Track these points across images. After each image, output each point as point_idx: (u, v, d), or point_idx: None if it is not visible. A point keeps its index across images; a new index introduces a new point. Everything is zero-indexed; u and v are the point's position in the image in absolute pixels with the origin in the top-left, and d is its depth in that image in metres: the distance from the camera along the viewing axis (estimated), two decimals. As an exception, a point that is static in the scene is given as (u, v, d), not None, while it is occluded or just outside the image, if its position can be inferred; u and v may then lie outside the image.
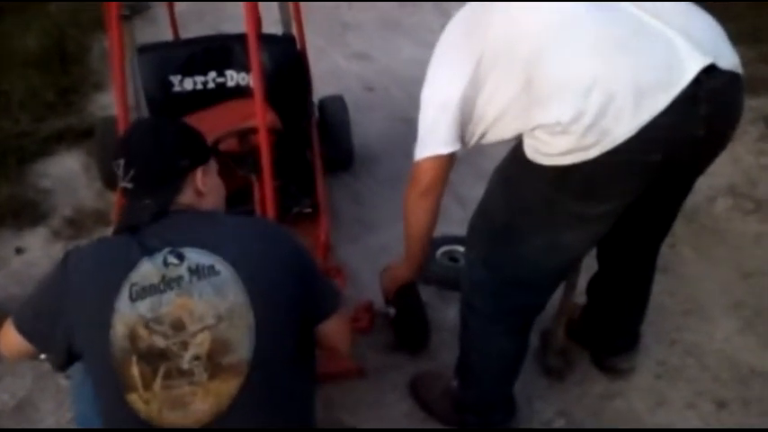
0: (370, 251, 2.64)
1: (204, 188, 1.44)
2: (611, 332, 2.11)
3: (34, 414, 2.07)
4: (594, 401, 2.09)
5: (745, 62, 1.50)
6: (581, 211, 1.53)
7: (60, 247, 2.71)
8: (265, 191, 2.13)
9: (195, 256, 1.30)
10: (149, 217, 1.36)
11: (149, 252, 1.30)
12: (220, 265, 1.30)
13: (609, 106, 1.37)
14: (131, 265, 1.29)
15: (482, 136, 1.59)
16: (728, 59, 1.44)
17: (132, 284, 1.28)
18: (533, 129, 1.46)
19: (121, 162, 1.40)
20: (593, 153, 1.40)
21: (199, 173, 1.44)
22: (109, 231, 1.53)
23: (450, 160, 1.65)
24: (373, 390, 2.12)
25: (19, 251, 2.73)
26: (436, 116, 1.59)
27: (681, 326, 2.30)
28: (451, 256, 2.51)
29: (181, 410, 1.27)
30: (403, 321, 2.22)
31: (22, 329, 1.39)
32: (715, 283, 2.46)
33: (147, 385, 1.26)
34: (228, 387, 1.27)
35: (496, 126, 1.55)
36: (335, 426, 2.00)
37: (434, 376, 2.09)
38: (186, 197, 1.42)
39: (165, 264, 1.29)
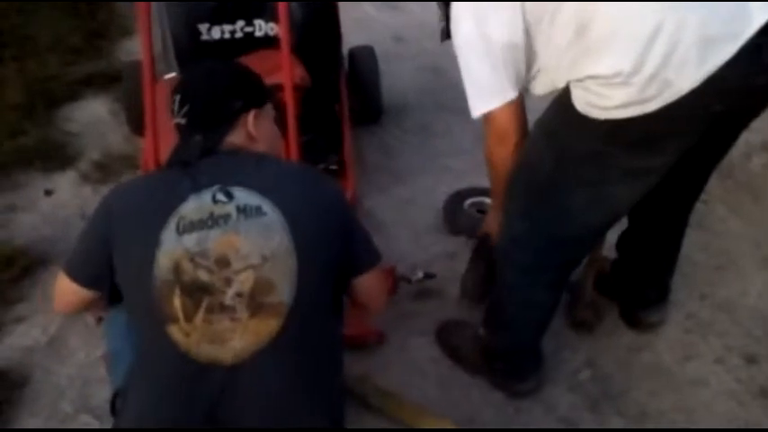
0: (398, 201, 2.63)
1: (256, 132, 1.44)
2: (641, 285, 2.09)
3: (64, 350, 2.10)
4: (622, 353, 2.08)
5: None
6: (632, 164, 1.48)
7: (89, 189, 2.72)
8: (290, 147, 2.11)
9: (243, 195, 1.31)
10: (198, 153, 1.37)
11: (198, 188, 1.31)
12: (267, 207, 1.31)
13: (672, 56, 1.31)
14: (180, 199, 1.30)
15: (532, 79, 1.55)
16: None
17: (180, 218, 1.29)
18: (583, 79, 1.41)
19: (177, 98, 1.43)
20: (653, 106, 1.35)
21: (251, 116, 1.44)
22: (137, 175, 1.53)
23: (520, 102, 1.58)
24: (400, 335, 2.12)
25: (48, 193, 2.74)
26: (498, 60, 1.51)
27: (713, 281, 2.27)
28: (479, 208, 2.48)
29: (219, 345, 1.27)
30: None
31: (74, 276, 1.42)
32: (748, 239, 2.42)
33: (189, 317, 1.27)
34: (267, 327, 1.28)
35: (545, 73, 1.51)
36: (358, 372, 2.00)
37: (462, 324, 2.08)
38: (237, 138, 1.43)
39: (215, 200, 1.30)
